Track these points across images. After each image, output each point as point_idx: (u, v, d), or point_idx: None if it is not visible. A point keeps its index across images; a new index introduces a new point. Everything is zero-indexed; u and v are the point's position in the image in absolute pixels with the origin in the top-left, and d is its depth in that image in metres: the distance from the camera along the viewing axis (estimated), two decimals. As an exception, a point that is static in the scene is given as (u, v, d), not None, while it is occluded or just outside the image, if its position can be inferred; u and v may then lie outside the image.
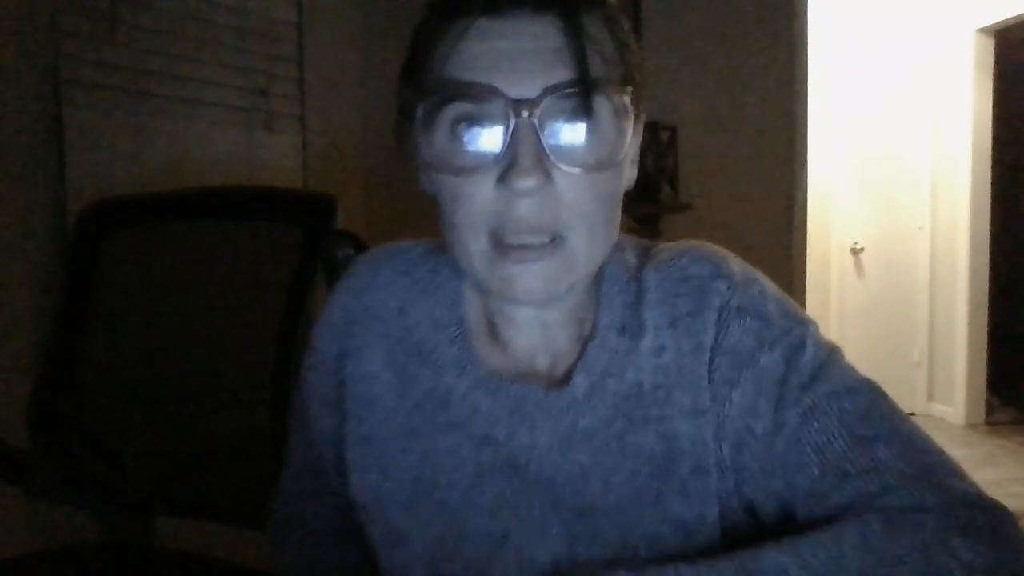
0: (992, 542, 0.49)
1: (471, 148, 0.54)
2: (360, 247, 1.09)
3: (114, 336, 1.30)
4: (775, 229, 2.64)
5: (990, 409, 4.24)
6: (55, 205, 1.56)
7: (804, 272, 2.76)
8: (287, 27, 2.06)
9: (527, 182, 0.52)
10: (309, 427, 0.72)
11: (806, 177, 2.71)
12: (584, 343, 0.62)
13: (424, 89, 0.55)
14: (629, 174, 0.60)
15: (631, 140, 0.57)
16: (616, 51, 0.56)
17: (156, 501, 1.27)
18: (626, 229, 0.62)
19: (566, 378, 0.61)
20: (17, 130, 1.50)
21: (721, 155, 2.61)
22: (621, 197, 0.59)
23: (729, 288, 0.59)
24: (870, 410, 0.56)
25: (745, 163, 2.63)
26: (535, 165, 0.52)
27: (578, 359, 0.61)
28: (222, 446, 1.21)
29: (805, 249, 2.73)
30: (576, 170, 0.53)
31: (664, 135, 2.47)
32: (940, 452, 0.56)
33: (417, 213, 0.59)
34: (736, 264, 0.62)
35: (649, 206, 2.43)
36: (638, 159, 0.62)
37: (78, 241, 1.33)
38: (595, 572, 0.52)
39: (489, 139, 0.53)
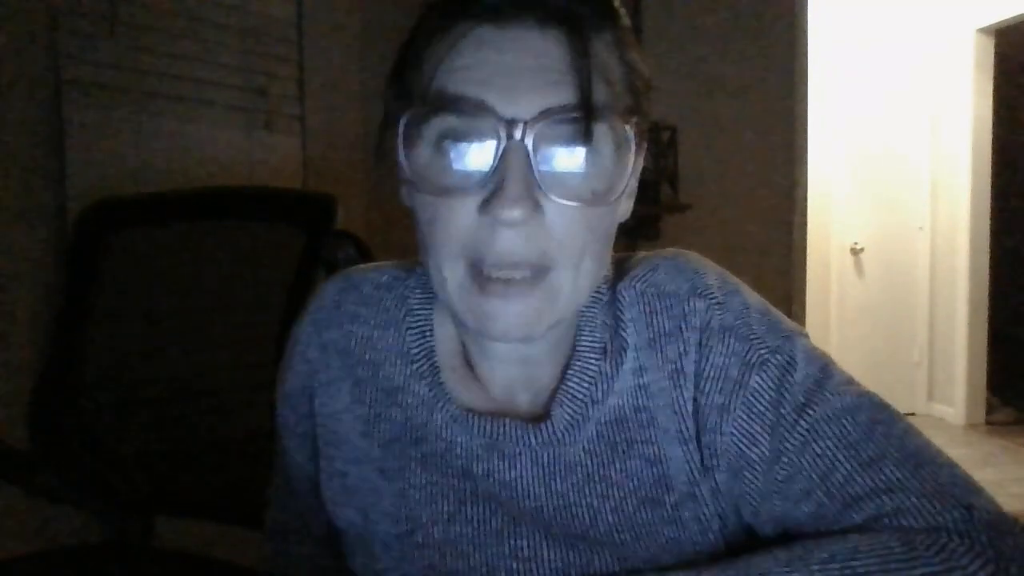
0: (1015, 568, 0.48)
1: (455, 167, 0.49)
2: (361, 247, 1.09)
3: (114, 336, 1.30)
4: (775, 229, 2.64)
5: (990, 409, 4.23)
6: (55, 205, 1.56)
7: (804, 272, 2.76)
8: (287, 27, 2.06)
9: (512, 212, 0.47)
10: (285, 457, 0.70)
11: (806, 177, 2.72)
12: (564, 370, 0.58)
13: (410, 97, 0.51)
14: (625, 206, 0.56)
15: (631, 173, 0.52)
16: (624, 77, 0.52)
17: (156, 501, 1.27)
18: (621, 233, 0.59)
19: (546, 411, 0.58)
20: (17, 130, 1.50)
21: (721, 155, 2.62)
22: (615, 232, 0.55)
23: (708, 307, 0.56)
24: (872, 428, 0.53)
25: (745, 163, 2.63)
26: (523, 194, 0.47)
27: (557, 389, 0.58)
28: (222, 446, 1.21)
29: (805, 249, 2.73)
30: (568, 203, 0.49)
31: (664, 135, 2.48)
32: (951, 465, 0.53)
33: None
34: (714, 276, 0.58)
35: (649, 206, 2.43)
36: (636, 192, 0.57)
37: (78, 241, 1.33)
38: None
39: (476, 159, 0.49)
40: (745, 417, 0.55)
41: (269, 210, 1.22)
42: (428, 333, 0.62)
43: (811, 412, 0.54)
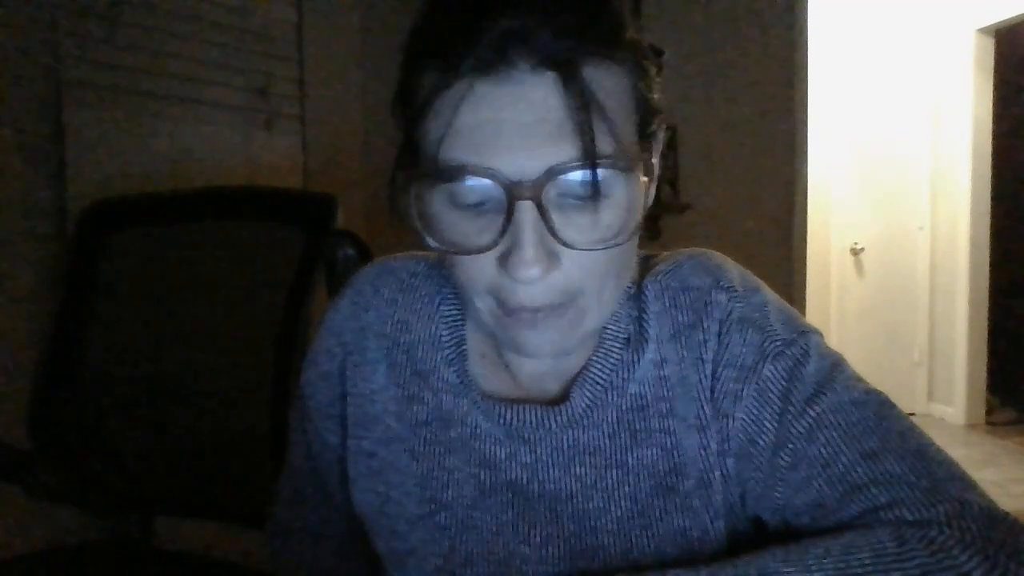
0: (1004, 557, 0.48)
1: (469, 227, 0.50)
2: (360, 247, 1.09)
3: (114, 336, 1.30)
4: (775, 229, 2.64)
5: (990, 409, 4.24)
6: (55, 205, 1.56)
7: (804, 272, 2.76)
8: (287, 27, 2.06)
9: (529, 272, 0.48)
10: (311, 438, 0.71)
11: (806, 177, 2.72)
12: (588, 356, 0.61)
13: (417, 157, 0.51)
14: (649, 194, 0.55)
15: (645, 203, 0.53)
16: (630, 98, 0.51)
17: (156, 501, 1.27)
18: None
19: (566, 394, 0.60)
20: (17, 130, 1.50)
21: (721, 155, 2.62)
22: (636, 240, 0.55)
23: (730, 299, 0.58)
24: (877, 423, 0.55)
25: (745, 163, 2.63)
26: (537, 254, 0.48)
27: (579, 374, 0.60)
28: (222, 446, 1.21)
29: (805, 249, 2.73)
30: (586, 245, 0.49)
31: (664, 135, 2.47)
32: (951, 463, 0.54)
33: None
34: (736, 273, 0.61)
35: (649, 207, 2.43)
36: (656, 175, 0.57)
37: (78, 241, 1.33)
38: None
39: (487, 221, 0.49)
40: (755, 404, 0.56)
41: (269, 210, 1.22)
42: (460, 322, 0.64)
43: (819, 403, 0.55)
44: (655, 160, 0.56)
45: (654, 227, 2.50)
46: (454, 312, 0.64)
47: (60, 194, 1.56)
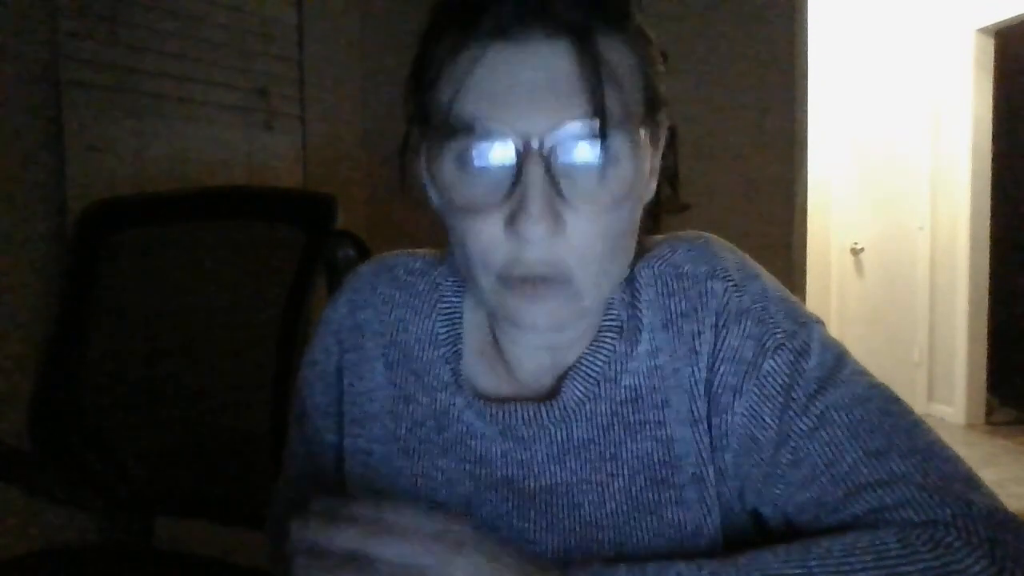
0: (1010, 561, 0.48)
1: (478, 186, 0.51)
2: (361, 247, 1.09)
3: (114, 336, 1.30)
4: (775, 229, 2.64)
5: (990, 409, 4.23)
6: (55, 205, 1.56)
7: (804, 272, 2.76)
8: (287, 27, 2.06)
9: (537, 229, 0.49)
10: (311, 439, 0.71)
11: (806, 177, 2.72)
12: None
13: (429, 120, 0.52)
14: (650, 187, 0.57)
15: (649, 174, 0.54)
16: (638, 76, 0.52)
17: (156, 501, 1.27)
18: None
19: (558, 389, 0.60)
20: (17, 130, 1.50)
21: (721, 155, 2.62)
22: (637, 225, 0.56)
23: (726, 289, 0.57)
24: (882, 419, 0.54)
25: (745, 163, 2.63)
26: (545, 210, 0.48)
27: (571, 367, 0.59)
28: (222, 446, 1.21)
29: (805, 249, 2.73)
30: (590, 209, 0.50)
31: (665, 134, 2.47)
32: (958, 460, 0.54)
33: (418, 214, 0.58)
34: (733, 260, 0.60)
35: (649, 206, 2.43)
36: (659, 168, 0.58)
37: (78, 241, 1.33)
38: (597, 569, 0.51)
39: (497, 177, 0.50)
40: (756, 399, 0.56)
41: (269, 210, 1.22)
42: (457, 320, 0.64)
43: (822, 399, 0.55)
44: (661, 137, 0.56)
45: (654, 227, 2.50)
46: (451, 308, 0.64)
47: (60, 194, 1.56)
